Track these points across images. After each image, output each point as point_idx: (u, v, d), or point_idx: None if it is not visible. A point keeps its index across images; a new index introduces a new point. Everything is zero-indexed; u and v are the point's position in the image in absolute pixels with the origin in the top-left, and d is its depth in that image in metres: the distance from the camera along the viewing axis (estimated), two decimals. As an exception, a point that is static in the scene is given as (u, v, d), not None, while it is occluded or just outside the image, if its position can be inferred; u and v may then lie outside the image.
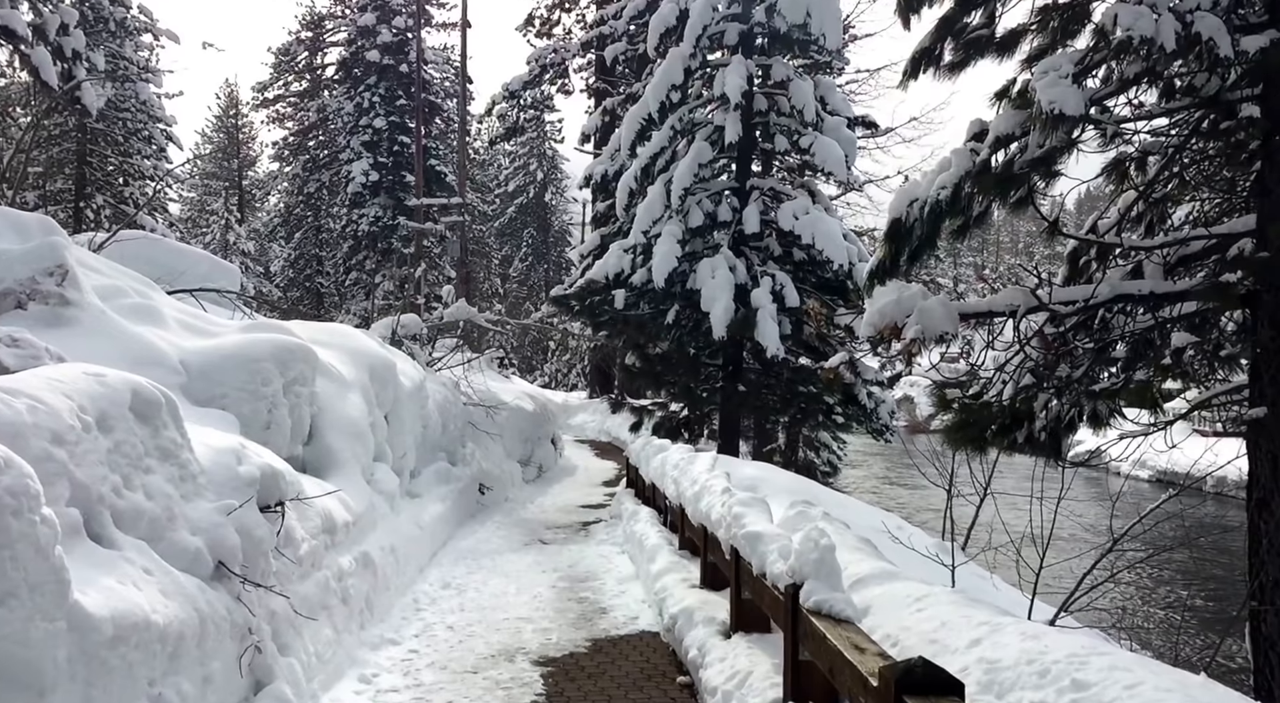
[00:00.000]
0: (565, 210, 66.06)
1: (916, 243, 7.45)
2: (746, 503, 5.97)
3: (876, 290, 7.71)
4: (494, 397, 17.47)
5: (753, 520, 5.70)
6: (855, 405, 16.35)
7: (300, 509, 6.09)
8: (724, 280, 14.87)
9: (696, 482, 7.77)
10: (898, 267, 7.56)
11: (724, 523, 6.14)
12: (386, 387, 9.75)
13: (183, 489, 4.91)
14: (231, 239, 47.72)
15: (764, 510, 5.98)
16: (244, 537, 5.10)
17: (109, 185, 33.77)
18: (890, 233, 7.44)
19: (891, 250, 7.48)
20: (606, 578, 9.79)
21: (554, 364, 48.97)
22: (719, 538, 6.39)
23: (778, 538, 5.33)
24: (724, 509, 6.23)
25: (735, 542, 5.82)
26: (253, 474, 5.37)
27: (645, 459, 11.78)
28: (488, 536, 12.39)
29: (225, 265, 14.53)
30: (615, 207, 21.67)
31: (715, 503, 6.70)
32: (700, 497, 7.25)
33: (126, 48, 33.50)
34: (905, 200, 7.39)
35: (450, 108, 43.09)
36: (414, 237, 36.40)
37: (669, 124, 15.89)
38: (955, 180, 6.96)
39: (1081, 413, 8.54)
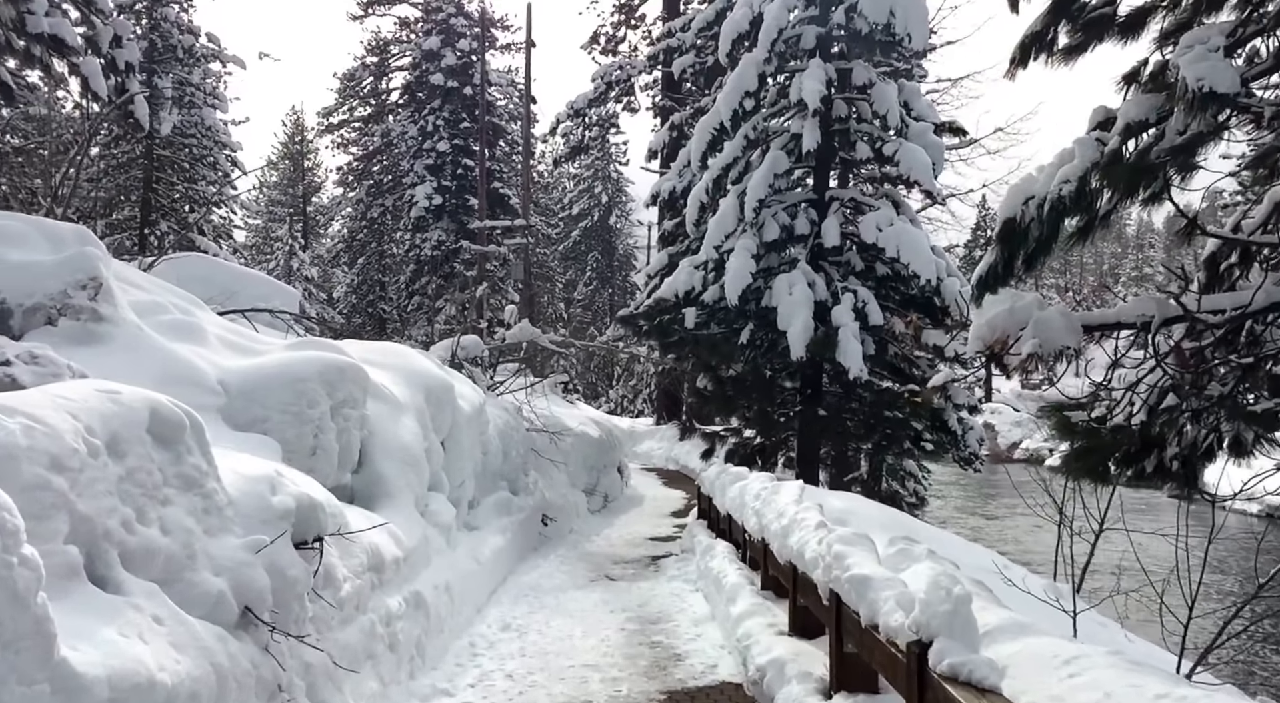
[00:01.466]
0: (630, 234, 65.69)
1: (1033, 245, 6.60)
2: (849, 541, 5.15)
3: (986, 300, 6.87)
4: (558, 422, 16.81)
5: (858, 561, 4.89)
6: (945, 431, 15.36)
7: (343, 545, 5.40)
8: (802, 297, 14.03)
9: (783, 514, 6.96)
10: (1011, 272, 6.71)
11: (821, 563, 5.33)
12: (443, 410, 9.08)
13: (206, 523, 4.23)
14: (295, 265, 47.89)
15: (869, 549, 5.15)
16: (275, 577, 4.41)
17: (174, 212, 33.87)
18: (1002, 234, 6.60)
19: (1004, 254, 6.64)
20: (680, 619, 8.99)
21: (620, 389, 48.28)
22: (814, 580, 5.57)
23: (892, 583, 4.51)
24: (821, 547, 5.42)
25: (836, 586, 5.01)
26: (287, 506, 4.69)
27: (721, 489, 10.97)
28: (551, 570, 11.65)
29: (284, 288, 14.08)
30: (684, 224, 20.97)
31: (809, 540, 5.88)
32: (789, 532, 6.43)
33: (194, 75, 33.69)
34: (1020, 198, 6.55)
35: (514, 130, 42.86)
36: (477, 260, 36.04)
37: (742, 133, 15.12)
38: (1080, 173, 6.11)
39: (1221, 439, 7.60)
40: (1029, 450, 43.28)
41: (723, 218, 14.89)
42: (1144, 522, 9.44)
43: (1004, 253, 6.61)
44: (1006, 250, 6.60)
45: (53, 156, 15.09)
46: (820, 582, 5.31)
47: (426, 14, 43.84)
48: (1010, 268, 6.66)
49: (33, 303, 5.93)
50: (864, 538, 5.21)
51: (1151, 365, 6.96)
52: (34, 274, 6.02)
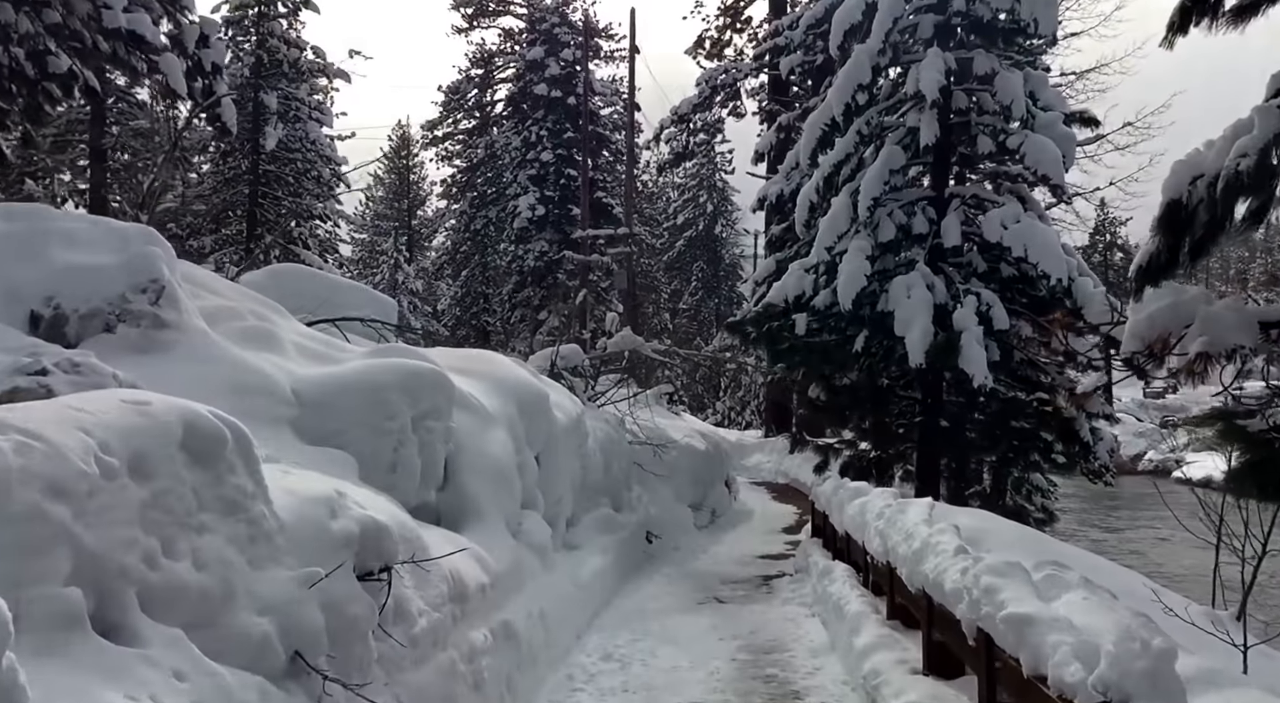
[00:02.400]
0: (736, 243, 64.92)
1: (1201, 231, 5.71)
2: (999, 571, 4.37)
3: (1146, 293, 6.00)
4: (662, 434, 16.17)
5: (1014, 596, 4.10)
6: (1076, 442, 14.23)
7: (419, 574, 4.82)
8: (921, 301, 13.10)
9: (912, 536, 6.17)
10: (1176, 262, 5.83)
11: (966, 596, 4.55)
12: (538, 422, 8.50)
13: (251, 554, 3.68)
14: (400, 278, 48.26)
15: (1025, 581, 4.36)
16: (332, 615, 3.83)
17: (278, 226, 34.26)
18: (1166, 219, 5.72)
19: (1167, 242, 5.76)
20: (796, 649, 8.23)
21: (727, 401, 47.43)
22: (956, 615, 4.79)
23: (1059, 625, 3.73)
24: (965, 578, 4.64)
25: (987, 625, 4.23)
26: (350, 532, 4.12)
27: (838, 506, 10.17)
28: (656, 592, 10.98)
29: (381, 298, 13.75)
30: (792, 228, 20.15)
31: (948, 567, 5.10)
32: (922, 557, 5.64)
33: (301, 90, 34.06)
34: (1185, 176, 5.67)
35: (618, 140, 42.52)
36: (579, 269, 35.73)
37: (854, 129, 14.26)
38: (1261, 145, 5.22)
39: None
40: (1153, 462, 41.12)
41: (834, 218, 14.06)
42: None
43: (1168, 239, 5.74)
44: (1171, 237, 5.72)
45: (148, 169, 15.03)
46: (965, 618, 4.53)
47: (530, 25, 43.84)
48: (1175, 257, 5.78)
49: (90, 308, 5.54)
50: (1017, 568, 4.42)
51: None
52: (92, 277, 5.62)
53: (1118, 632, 3.27)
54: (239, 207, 33.07)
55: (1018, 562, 4.58)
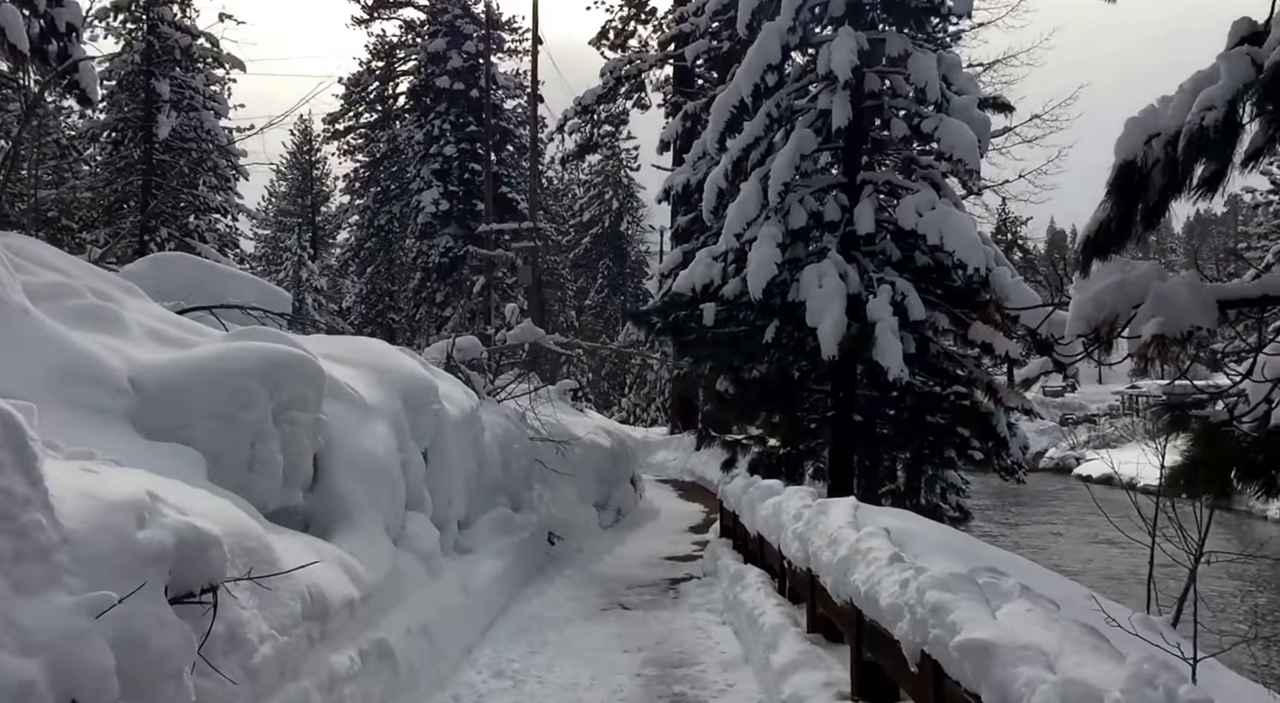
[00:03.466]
0: (642, 240, 64.55)
1: (1156, 196, 5.18)
2: (947, 585, 3.74)
3: (1094, 269, 5.45)
4: (566, 431, 15.43)
5: (968, 617, 3.47)
6: (993, 438, 13.87)
7: (263, 593, 4.01)
8: (834, 290, 12.58)
9: (837, 541, 5.54)
10: (1128, 232, 5.29)
11: (907, 614, 3.91)
12: (426, 415, 7.70)
13: (17, 575, 2.85)
14: (304, 276, 46.70)
15: (978, 597, 3.73)
16: (129, 651, 3.02)
17: (174, 218, 32.64)
18: (1118, 183, 5.18)
19: (1119, 209, 5.21)
20: (706, 662, 7.56)
21: (632, 397, 46.87)
22: (894, 635, 4.15)
23: (1028, 656, 3.10)
24: (907, 593, 4.00)
25: (936, 651, 3.60)
26: (161, 544, 3.31)
27: (749, 505, 9.55)
28: (556, 598, 10.24)
29: (275, 290, 12.76)
30: (700, 218, 19.57)
31: (883, 579, 4.46)
32: (851, 565, 5.00)
33: (197, 80, 32.53)
34: (1140, 135, 5.13)
35: (523, 134, 41.62)
36: (484, 265, 34.75)
37: (764, 111, 13.68)
38: (1230, 96, 4.69)
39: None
40: (1054, 460, 41.73)
41: (744, 204, 13.46)
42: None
43: (1120, 206, 5.19)
44: (1123, 204, 5.18)
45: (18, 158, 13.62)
46: (906, 640, 3.89)
47: (432, 16, 42.63)
48: (1127, 225, 5.23)
49: None
50: (967, 582, 3.80)
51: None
52: None
53: (1129, 675, 2.64)
54: (132, 198, 31.34)
55: (968, 574, 3.96)
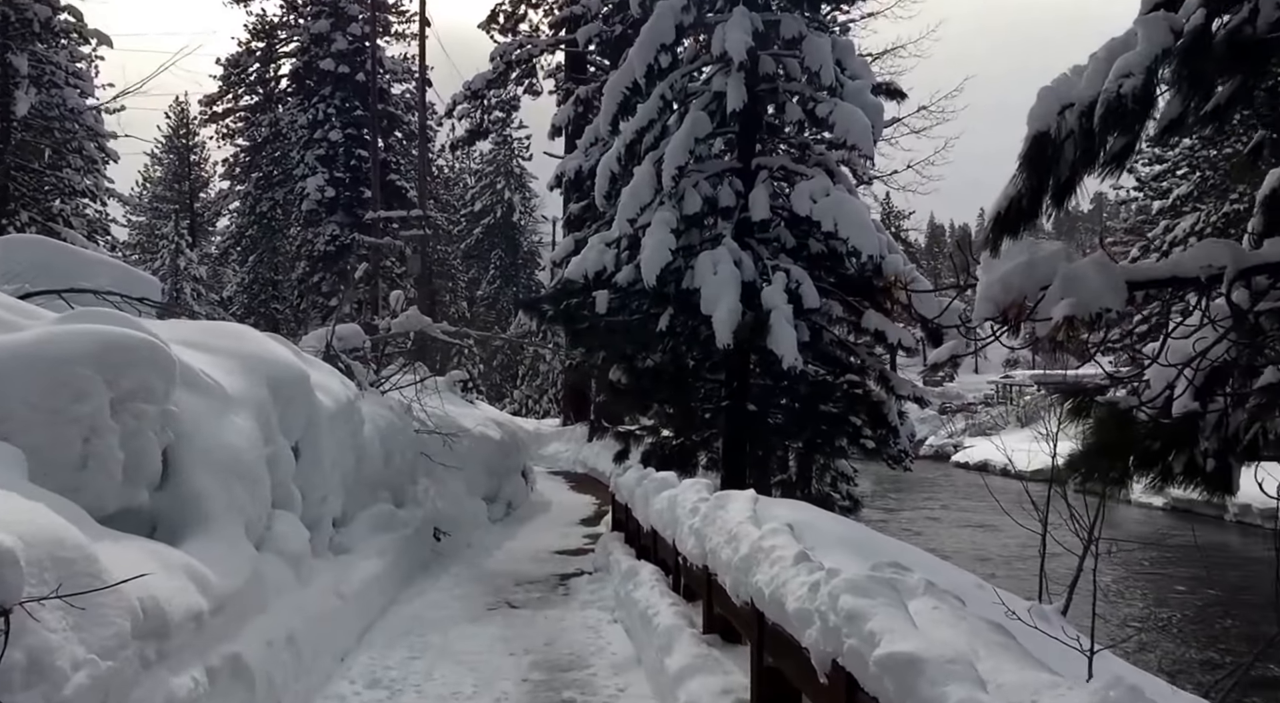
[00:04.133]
0: (535, 231, 64.04)
1: (1068, 170, 4.95)
2: (863, 589, 3.39)
3: (1003, 248, 5.21)
4: (454, 423, 14.89)
5: (887, 626, 3.12)
6: (884, 426, 13.78)
7: (78, 614, 3.45)
8: (728, 277, 12.29)
9: (736, 538, 5.18)
10: (1039, 207, 5.05)
11: (817, 620, 3.56)
12: (296, 407, 7.12)
13: None
14: (182, 264, 44.89)
15: (896, 604, 3.39)
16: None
17: (36, 202, 30.88)
18: (1031, 155, 4.93)
19: (1031, 183, 4.97)
20: (597, 664, 7.17)
21: (525, 389, 46.27)
22: (801, 642, 3.80)
23: (960, 673, 2.76)
24: (817, 597, 3.64)
25: (854, 665, 3.25)
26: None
27: (642, 498, 9.17)
28: (441, 597, 9.74)
29: (140, 275, 11.91)
30: (593, 205, 19.15)
31: (789, 580, 4.11)
32: (752, 564, 4.65)
33: (60, 56, 30.81)
34: (1053, 105, 4.88)
35: (411, 121, 40.58)
36: (371, 254, 33.79)
37: (658, 93, 13.32)
38: (1148, 62, 4.47)
39: (1264, 432, 6.04)
40: (934, 447, 42.68)
41: (637, 188, 13.09)
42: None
43: (1031, 180, 4.94)
44: (1035, 177, 4.94)
45: None
46: (816, 649, 3.54)
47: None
48: (1037, 202, 4.99)
49: None
50: (883, 585, 3.45)
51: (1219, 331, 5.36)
52: None
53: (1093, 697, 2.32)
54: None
55: (884, 577, 3.62)
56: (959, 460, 40.05)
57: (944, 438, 44.60)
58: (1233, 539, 20.56)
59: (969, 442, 43.06)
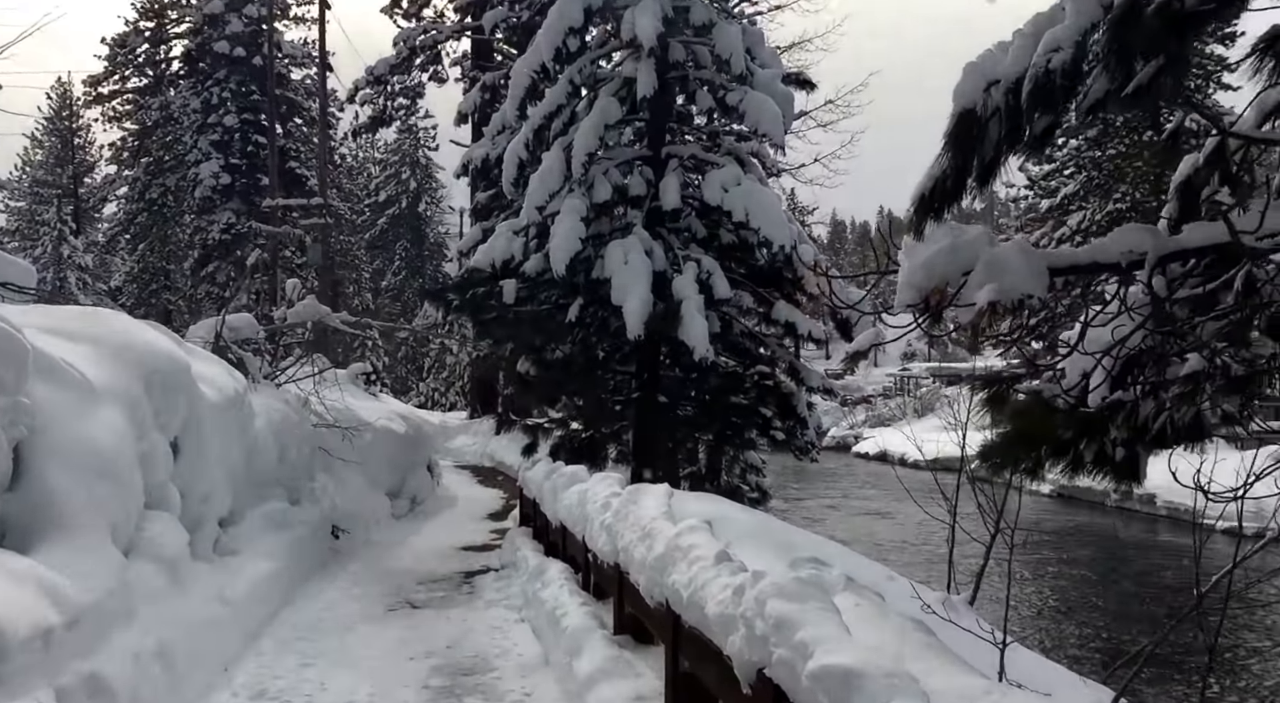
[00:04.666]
0: (441, 222, 63.17)
1: (992, 150, 4.76)
2: (793, 594, 3.11)
3: (926, 232, 5.00)
4: (355, 417, 14.33)
5: (820, 635, 2.84)
6: (794, 418, 13.67)
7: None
8: (639, 267, 12.02)
9: (652, 535, 4.89)
10: (962, 188, 4.83)
11: (742, 628, 3.28)
12: (175, 399, 6.61)
13: None
14: (66, 252, 43.08)
15: (829, 610, 3.11)
16: None
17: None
18: (957, 133, 4.70)
19: (955, 162, 4.75)
20: (503, 667, 6.82)
21: (431, 382, 45.46)
22: (723, 650, 3.51)
23: (905, 687, 2.49)
24: (741, 601, 3.35)
25: (784, 678, 2.96)
26: None
27: (551, 493, 8.84)
28: (338, 597, 9.27)
29: (10, 260, 11.18)
30: (501, 193, 18.72)
31: (708, 582, 3.82)
32: (669, 563, 4.35)
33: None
34: (979, 81, 4.65)
35: (312, 107, 39.46)
36: (269, 243, 32.70)
37: (566, 78, 12.97)
38: (1078, 35, 4.28)
39: (1173, 421, 5.96)
40: (835, 439, 43.39)
41: (546, 175, 12.72)
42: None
43: (956, 160, 4.73)
44: (960, 157, 4.72)
45: None
46: (740, 658, 3.25)
47: (208, -26, 39.82)
48: (962, 182, 4.78)
49: None
50: (814, 590, 3.17)
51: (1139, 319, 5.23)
52: None
53: None
54: None
55: (812, 578, 3.35)
56: (859, 451, 41.02)
57: (845, 429, 45.47)
58: (1117, 523, 21.35)
59: (868, 433, 44.15)
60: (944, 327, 5.37)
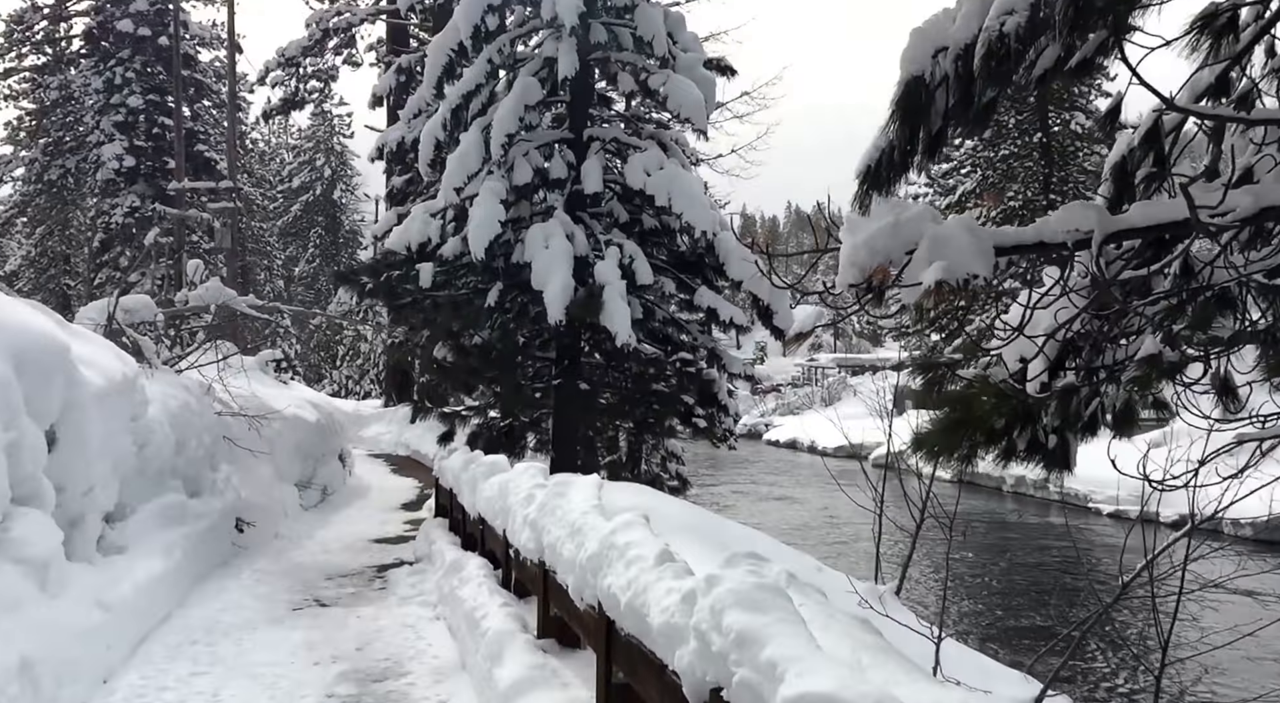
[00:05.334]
0: (357, 210, 62.02)
1: (940, 120, 4.48)
2: (753, 602, 2.75)
3: (873, 208, 4.71)
4: (263, 405, 13.73)
5: (792, 654, 2.47)
6: (715, 405, 13.39)
7: None
8: (560, 251, 11.61)
9: (582, 531, 4.51)
10: (909, 161, 4.54)
11: (693, 641, 2.92)
12: (49, 384, 6.03)
13: None
14: (-45, 235, 41.18)
15: (793, 619, 2.76)
16: None
17: None
18: (904, 102, 4.41)
19: (904, 132, 4.46)
20: (416, 671, 6.40)
21: (345, 370, 44.40)
22: (669, 665, 3.15)
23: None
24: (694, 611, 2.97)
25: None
26: None
27: (470, 484, 8.41)
28: (239, 596, 8.74)
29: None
30: (417, 177, 18.23)
31: (650, 585, 3.44)
32: (603, 564, 3.96)
33: None
34: (926, 48, 4.37)
35: (221, 90, 38.16)
36: (175, 227, 31.49)
37: (485, 57, 12.47)
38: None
39: (1104, 407, 5.80)
40: (747, 426, 43.92)
41: (464, 156, 12.24)
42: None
43: (904, 130, 4.43)
44: (907, 126, 4.43)
45: None
46: (691, 677, 2.87)
47: (110, -51, 38.22)
48: (909, 153, 4.49)
49: None
50: (776, 597, 2.82)
51: (1081, 300, 5.01)
52: None
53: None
54: None
55: (774, 584, 2.99)
56: (770, 439, 41.70)
57: (756, 417, 46.12)
58: (1014, 508, 21.75)
59: (778, 420, 44.96)
60: (886, 307, 5.10)
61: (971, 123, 4.81)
